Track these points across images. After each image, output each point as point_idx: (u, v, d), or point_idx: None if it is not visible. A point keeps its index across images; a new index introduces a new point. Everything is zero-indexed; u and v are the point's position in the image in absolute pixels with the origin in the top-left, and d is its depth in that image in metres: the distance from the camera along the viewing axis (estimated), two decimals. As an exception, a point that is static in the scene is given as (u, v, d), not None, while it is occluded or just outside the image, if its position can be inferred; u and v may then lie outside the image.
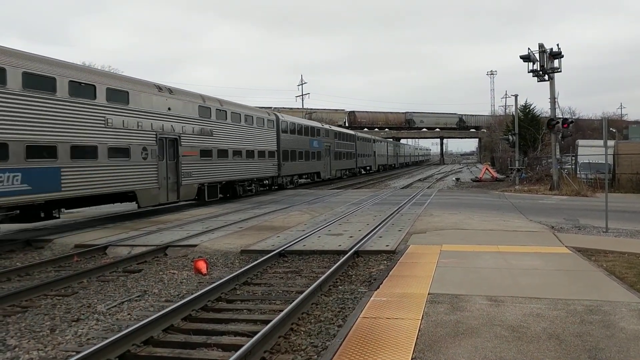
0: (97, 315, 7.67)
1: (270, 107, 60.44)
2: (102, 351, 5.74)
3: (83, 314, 7.75)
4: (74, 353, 5.87)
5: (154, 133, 18.99)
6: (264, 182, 30.21)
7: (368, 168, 61.84)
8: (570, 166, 35.64)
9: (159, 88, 19.88)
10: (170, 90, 20.64)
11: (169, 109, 20.03)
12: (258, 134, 28.52)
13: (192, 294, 8.26)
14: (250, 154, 27.20)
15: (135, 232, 14.98)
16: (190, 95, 22.33)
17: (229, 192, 25.76)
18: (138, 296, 8.75)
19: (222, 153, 24.15)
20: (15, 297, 8.56)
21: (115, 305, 8.18)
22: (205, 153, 22.54)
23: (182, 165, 20.59)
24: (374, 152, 64.50)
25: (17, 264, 11.67)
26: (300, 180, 37.39)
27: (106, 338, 6.15)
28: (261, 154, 28.75)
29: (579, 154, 34.00)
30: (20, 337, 6.79)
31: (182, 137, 20.72)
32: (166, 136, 19.76)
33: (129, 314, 7.72)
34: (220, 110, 24.28)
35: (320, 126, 43.18)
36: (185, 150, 20.84)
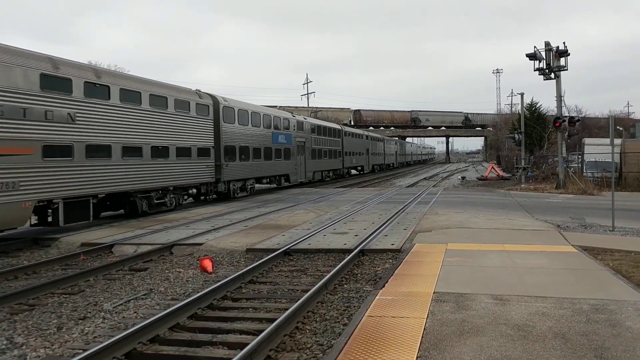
0: (103, 314, 7.71)
1: (276, 106, 60.37)
2: (109, 349, 5.76)
3: (89, 312, 7.79)
4: (81, 351, 5.89)
5: None
6: (190, 191, 21.84)
7: (359, 168, 56.57)
8: (576, 165, 35.53)
9: None
10: None
11: None
12: (178, 123, 20.39)
13: (197, 292, 8.28)
14: (160, 151, 19.18)
15: (141, 230, 15.02)
16: (17, 55, 13.66)
17: (123, 207, 18.57)
18: (144, 294, 8.78)
19: (99, 150, 16.14)
20: (23, 295, 8.60)
21: (121, 304, 8.22)
22: (56, 151, 14.47)
23: None
24: (367, 149, 59.50)
25: (24, 262, 11.73)
26: (260, 186, 31.07)
27: (112, 336, 6.18)
28: (184, 151, 20.64)
29: (585, 152, 33.84)
30: (28, 335, 6.83)
31: None
32: None
33: (135, 312, 7.75)
34: (94, 84, 16.04)
35: (290, 117, 34.68)
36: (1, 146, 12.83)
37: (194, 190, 22.22)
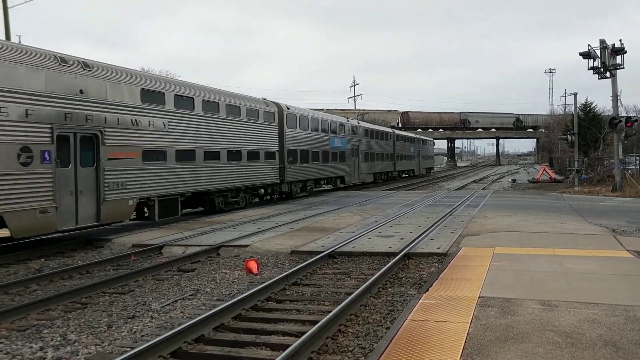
0: (151, 313, 7.92)
1: (323, 109, 60.61)
2: (156, 348, 5.93)
3: (138, 312, 8.02)
4: (129, 349, 6.07)
5: None
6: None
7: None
8: (634, 167, 34.20)
9: None
10: None
11: None
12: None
13: (242, 293, 8.39)
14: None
15: (189, 232, 15.34)
16: None
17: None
18: (191, 295, 8.97)
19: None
20: (76, 293, 8.94)
21: (169, 304, 8.42)
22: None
23: None
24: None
25: (78, 262, 12.18)
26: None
27: (159, 335, 6.33)
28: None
29: (644, 153, 32.52)
30: (80, 332, 7.10)
31: None
32: None
33: (181, 312, 7.94)
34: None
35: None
36: None
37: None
